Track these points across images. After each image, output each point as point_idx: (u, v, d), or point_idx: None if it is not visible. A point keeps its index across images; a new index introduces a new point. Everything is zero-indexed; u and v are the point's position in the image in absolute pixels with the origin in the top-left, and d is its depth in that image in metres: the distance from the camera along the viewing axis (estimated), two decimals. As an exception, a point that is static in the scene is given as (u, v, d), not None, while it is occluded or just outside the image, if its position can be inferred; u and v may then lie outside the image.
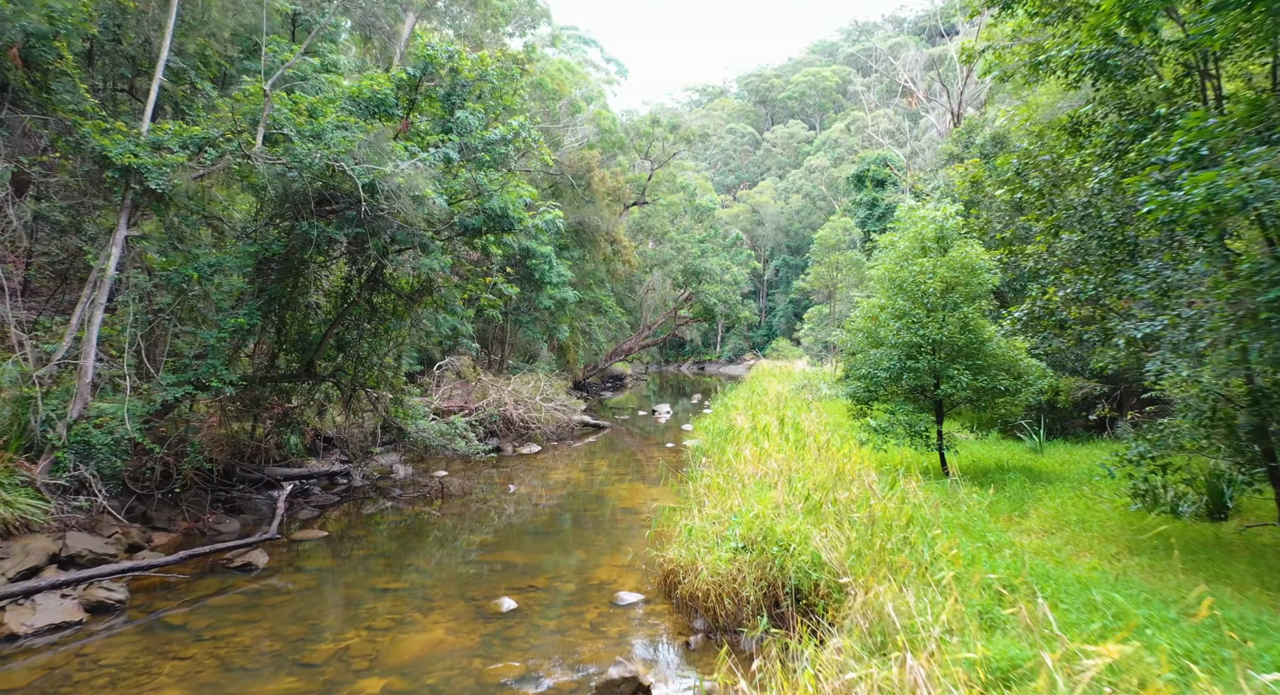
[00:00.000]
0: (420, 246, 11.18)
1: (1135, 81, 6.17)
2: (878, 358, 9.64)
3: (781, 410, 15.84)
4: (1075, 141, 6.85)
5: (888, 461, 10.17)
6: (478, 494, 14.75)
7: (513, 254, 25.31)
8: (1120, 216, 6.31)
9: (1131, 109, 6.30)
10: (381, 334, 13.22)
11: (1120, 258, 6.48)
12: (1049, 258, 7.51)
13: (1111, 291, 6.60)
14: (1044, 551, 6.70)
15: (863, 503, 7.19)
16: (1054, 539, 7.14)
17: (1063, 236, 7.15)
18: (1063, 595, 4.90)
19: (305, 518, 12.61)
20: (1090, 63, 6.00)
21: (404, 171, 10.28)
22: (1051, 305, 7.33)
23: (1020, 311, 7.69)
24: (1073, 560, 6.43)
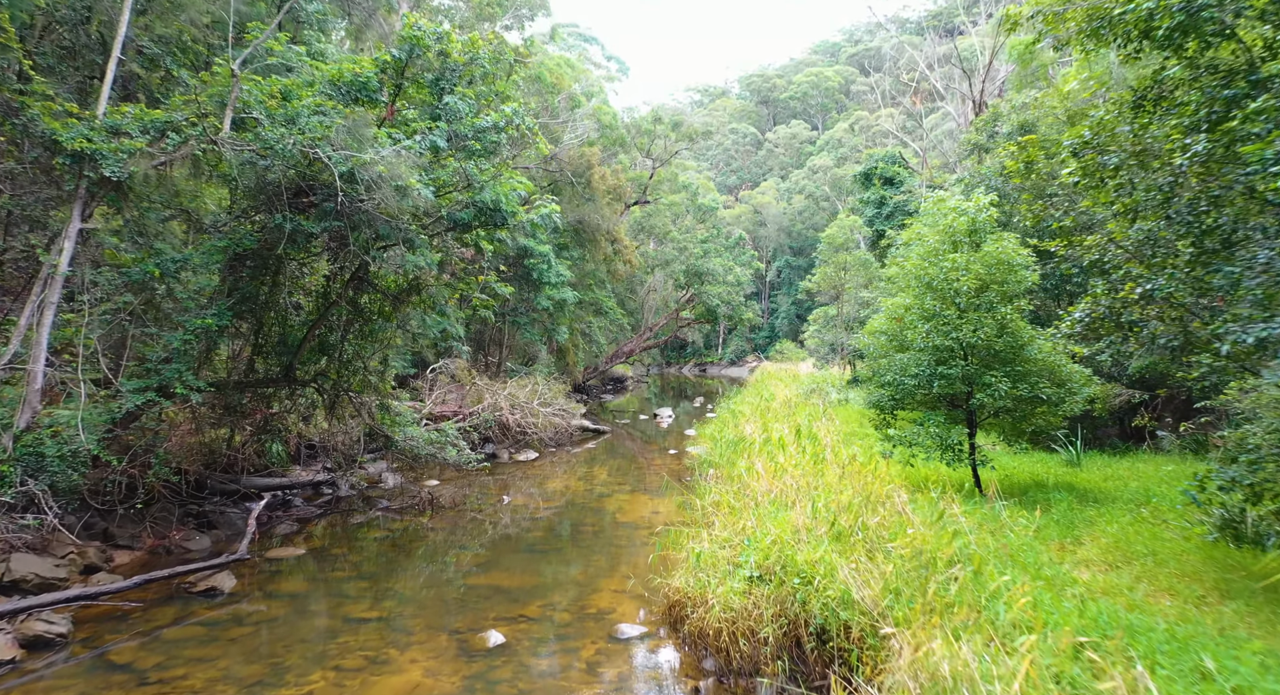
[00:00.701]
0: (405, 242, 10.32)
1: (1230, 39, 5.30)
2: (904, 363, 8.75)
3: (793, 417, 14.98)
4: (1145, 114, 5.98)
5: (914, 477, 9.31)
6: (470, 505, 13.90)
7: (509, 253, 24.48)
8: (1213, 198, 5.43)
9: (1224, 72, 5.43)
10: (367, 336, 12.36)
11: (1213, 247, 5.60)
12: (1115, 250, 6.64)
13: (1196, 288, 5.73)
14: (1113, 591, 5.83)
15: (897, 530, 6.33)
16: (1121, 575, 6.26)
17: (1138, 224, 6.27)
18: (1159, 656, 4.04)
19: (284, 533, 11.76)
20: (1179, 15, 5.11)
21: (385, 159, 9.43)
22: (1118, 305, 6.44)
23: (1080, 311, 6.79)
24: (1150, 603, 5.56)
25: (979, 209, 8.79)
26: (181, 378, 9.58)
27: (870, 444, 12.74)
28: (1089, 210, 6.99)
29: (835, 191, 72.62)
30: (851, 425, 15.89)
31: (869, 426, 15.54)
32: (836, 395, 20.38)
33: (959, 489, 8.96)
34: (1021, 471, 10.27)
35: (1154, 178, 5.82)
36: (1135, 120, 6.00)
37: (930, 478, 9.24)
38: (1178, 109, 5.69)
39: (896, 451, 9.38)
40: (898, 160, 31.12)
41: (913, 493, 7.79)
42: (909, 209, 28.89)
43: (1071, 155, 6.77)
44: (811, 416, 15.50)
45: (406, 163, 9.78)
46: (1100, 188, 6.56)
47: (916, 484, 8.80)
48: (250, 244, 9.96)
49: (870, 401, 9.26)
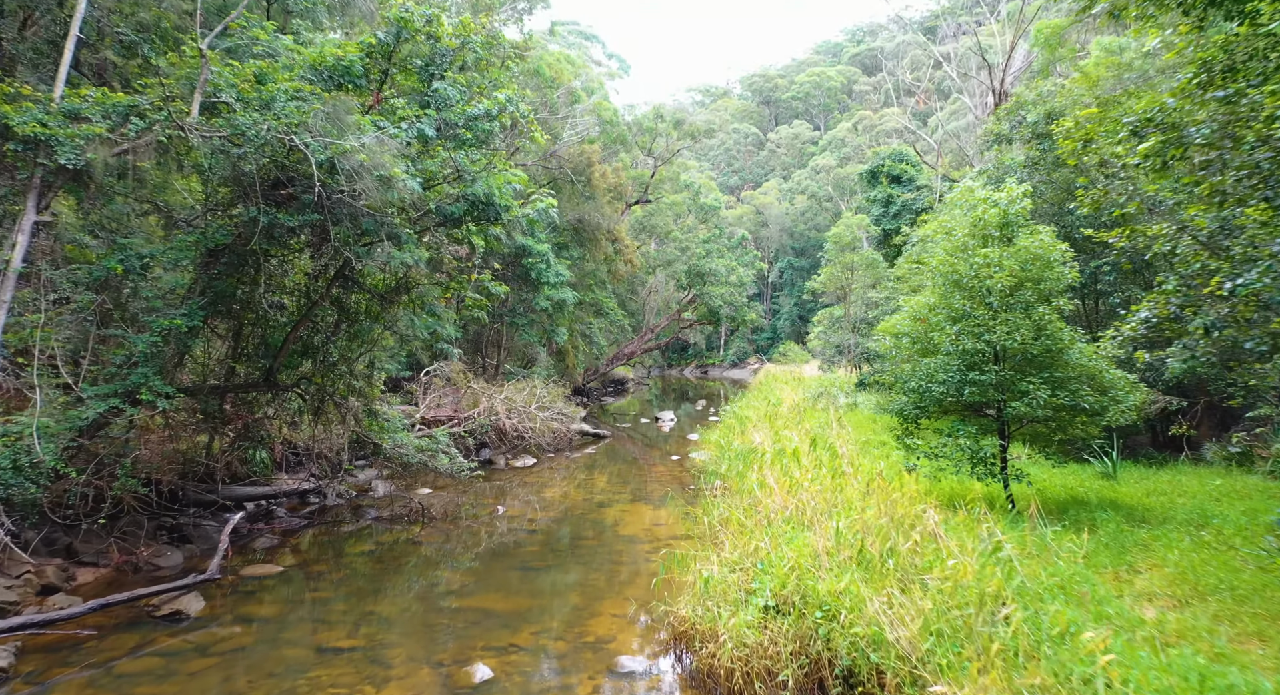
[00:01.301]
0: (390, 237, 9.63)
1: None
2: (930, 368, 8.00)
3: (803, 423, 14.28)
4: (1238, 79, 5.24)
5: (940, 492, 8.58)
6: (463, 515, 13.20)
7: (507, 251, 23.79)
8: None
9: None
10: (353, 338, 11.66)
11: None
12: (1189, 240, 5.89)
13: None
14: (1189, 634, 5.12)
15: (933, 558, 5.62)
16: (1195, 613, 5.54)
17: (1226, 209, 5.54)
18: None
19: (264, 547, 11.06)
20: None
21: (367, 147, 8.73)
22: (1192, 303, 5.72)
23: (1146, 310, 6.05)
24: (1239, 651, 4.84)
25: (1011, 200, 8.05)
26: (148, 382, 8.89)
27: (888, 452, 12.02)
28: (1155, 195, 6.27)
29: (839, 192, 71.95)
30: (864, 432, 15.18)
31: (884, 433, 14.83)
32: (845, 399, 19.65)
33: (990, 506, 8.26)
34: (1054, 485, 9.52)
35: (1252, 155, 5.10)
36: (1226, 86, 5.24)
37: (957, 493, 8.51)
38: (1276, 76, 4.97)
39: (921, 464, 8.66)
40: (905, 158, 30.43)
41: (942, 510, 7.07)
42: (917, 207, 28.19)
43: (1132, 134, 6.07)
44: (823, 423, 14.79)
45: (391, 151, 9.09)
46: (1163, 171, 5.85)
47: (944, 500, 8.07)
48: (223, 239, 9.26)
49: (892, 409, 8.55)
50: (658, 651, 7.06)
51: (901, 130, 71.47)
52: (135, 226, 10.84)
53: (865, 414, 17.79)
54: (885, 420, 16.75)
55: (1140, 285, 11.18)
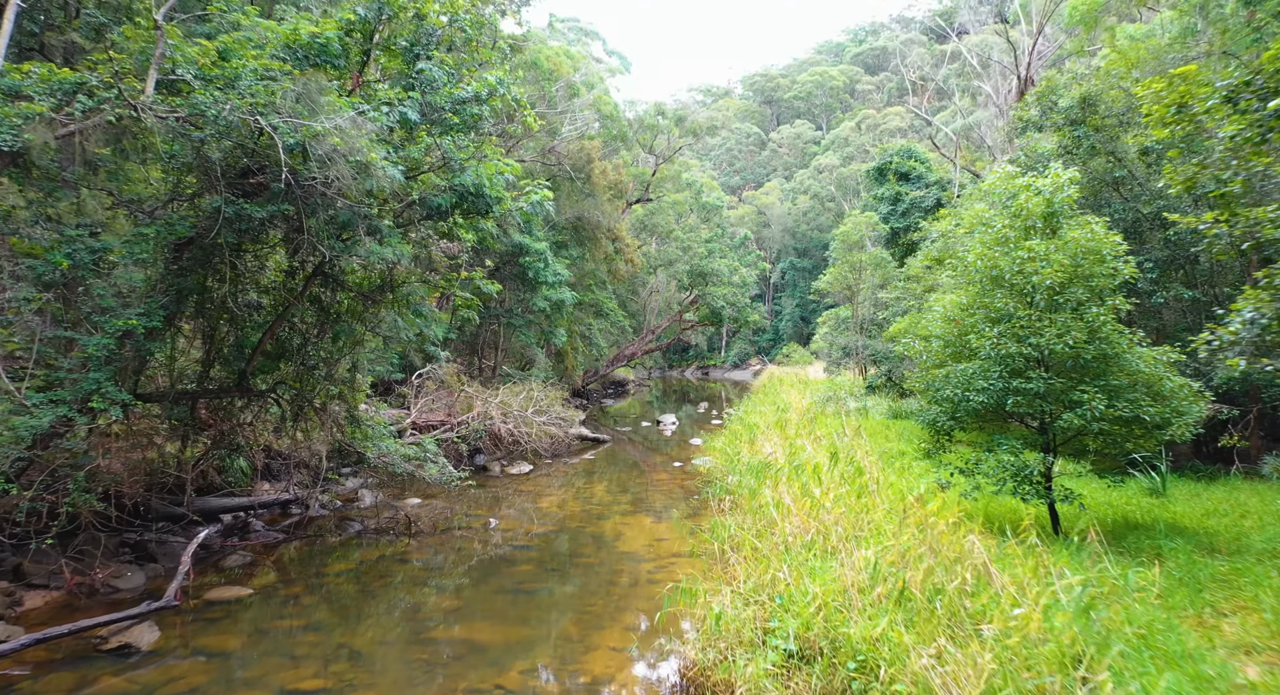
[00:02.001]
0: (370, 230, 8.81)
1: None
2: (967, 375, 7.14)
3: (814, 429, 13.45)
4: None
5: (976, 512, 7.72)
6: (453, 527, 12.39)
7: (504, 250, 22.99)
8: None
9: None
10: (334, 339, 10.84)
11: None
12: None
13: None
14: (1311, 702, 4.31)
15: (988, 601, 4.79)
16: (1313, 672, 4.73)
17: None
18: None
19: (235, 565, 10.24)
20: None
21: (341, 130, 7.91)
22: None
23: (1251, 309, 5.16)
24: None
25: (1056, 187, 7.20)
26: (100, 389, 8.06)
27: (908, 463, 11.20)
28: (1268, 171, 5.44)
29: (841, 191, 71.14)
30: (879, 439, 14.34)
31: (900, 441, 14.02)
32: (855, 403, 18.86)
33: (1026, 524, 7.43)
34: (1097, 502, 8.62)
35: None
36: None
37: (993, 513, 7.68)
38: None
39: (955, 481, 7.83)
40: (914, 154, 29.63)
41: (985, 535, 6.25)
42: (926, 205, 27.37)
43: (1225, 102, 5.25)
44: (836, 430, 13.94)
45: (369, 135, 8.27)
46: (1263, 144, 5.04)
47: (985, 523, 7.23)
48: (185, 231, 8.44)
49: (922, 420, 7.70)
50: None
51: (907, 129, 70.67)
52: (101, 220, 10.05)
53: (878, 420, 16.96)
54: (899, 426, 15.96)
55: (1181, 282, 10.38)
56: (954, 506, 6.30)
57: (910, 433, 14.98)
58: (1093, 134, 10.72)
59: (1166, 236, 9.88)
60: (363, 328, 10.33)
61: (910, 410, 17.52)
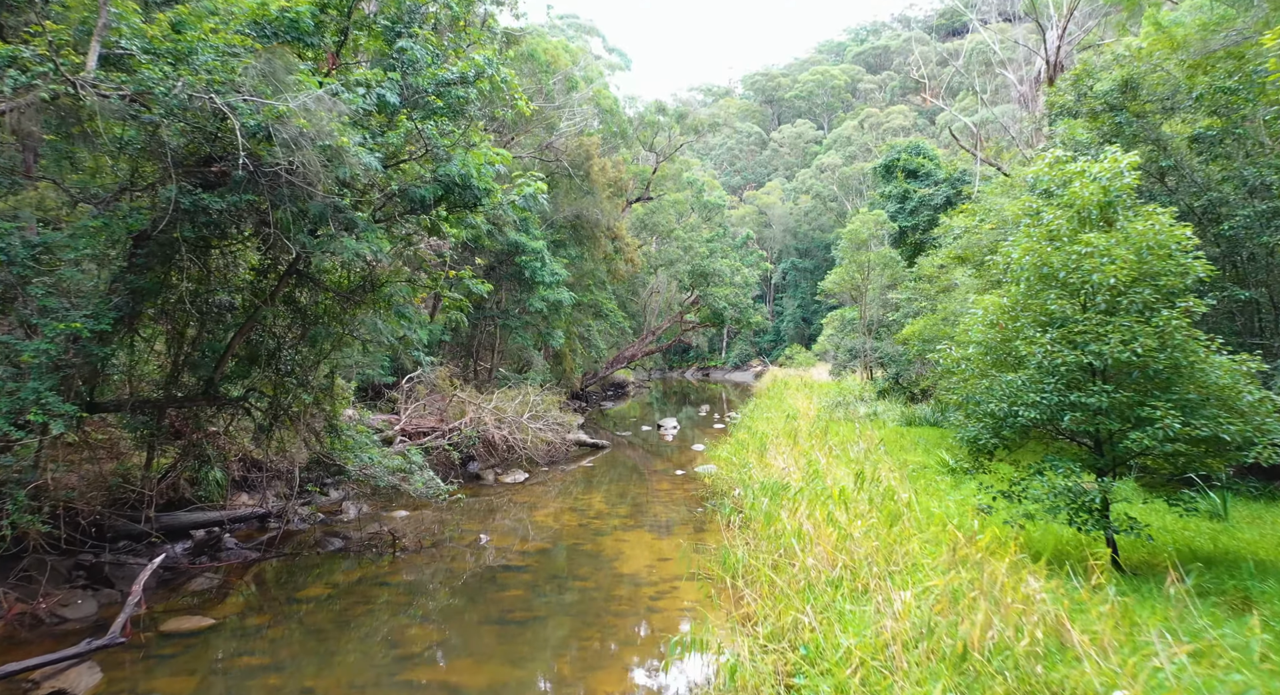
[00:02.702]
0: (342, 223, 7.98)
1: None
2: (1015, 387, 6.29)
3: (826, 438, 12.61)
4: None
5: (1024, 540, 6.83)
6: (441, 543, 11.57)
7: (499, 248, 22.16)
8: None
9: None
10: (311, 343, 10.02)
11: None
12: None
13: None
14: None
15: (1059, 661, 3.96)
16: None
17: None
18: None
19: (199, 589, 9.41)
20: None
21: (309, 111, 7.08)
22: None
23: None
24: None
25: (1114, 173, 6.33)
26: (40, 400, 7.23)
27: (930, 477, 10.36)
28: None
29: (844, 191, 70.37)
30: (894, 448, 13.47)
31: (918, 451, 13.18)
32: (865, 408, 18.03)
33: (1079, 555, 6.58)
34: (1153, 528, 7.66)
35: None
36: None
37: (1036, 539, 6.83)
38: None
39: (998, 505, 6.98)
40: (922, 151, 28.81)
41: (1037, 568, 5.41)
42: (935, 203, 26.54)
43: None
44: (847, 437, 13.09)
45: (340, 117, 7.44)
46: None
47: (1024, 546, 6.39)
48: (136, 225, 7.60)
49: (963, 438, 6.85)
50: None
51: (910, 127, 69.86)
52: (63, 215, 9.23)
53: (891, 427, 16.12)
54: (914, 434, 15.15)
55: (1233, 280, 9.55)
56: (1008, 540, 5.44)
57: (928, 441, 14.15)
58: (1135, 121, 9.89)
59: (1220, 231, 9.06)
60: (341, 331, 9.49)
61: (924, 416, 16.70)
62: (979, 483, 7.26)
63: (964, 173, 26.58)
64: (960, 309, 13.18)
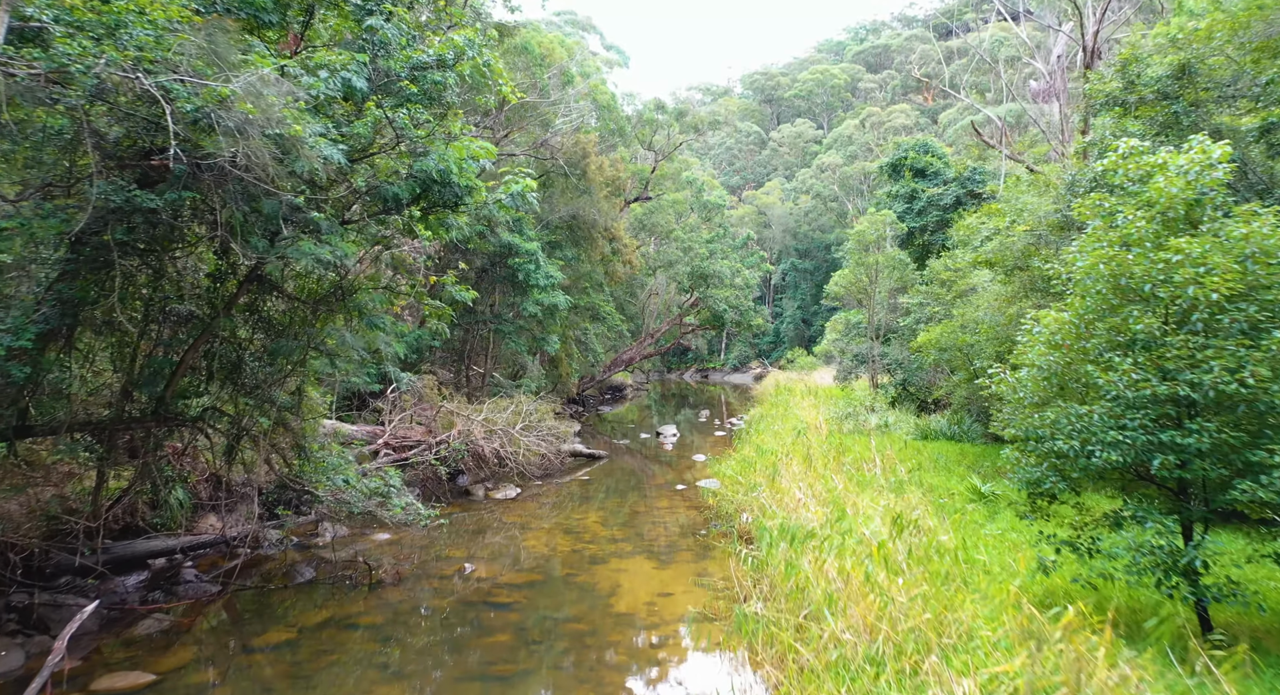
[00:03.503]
0: (302, 225, 7.00)
1: None
2: (1092, 422, 5.30)
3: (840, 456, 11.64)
4: None
5: (1089, 597, 5.83)
6: (422, 574, 10.60)
7: (491, 250, 21.17)
8: None
9: None
10: (273, 357, 9.02)
11: None
12: None
13: None
14: None
15: None
16: None
17: None
18: None
19: (146, 633, 8.42)
20: None
21: (256, 91, 6.10)
22: None
23: None
24: None
25: (1203, 166, 5.34)
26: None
27: (961, 505, 9.39)
28: None
29: (845, 191, 69.47)
30: (908, 462, 12.47)
31: (941, 471, 12.20)
32: (876, 419, 17.08)
33: (1154, 608, 5.62)
34: (1251, 583, 6.61)
35: None
36: None
37: (1102, 585, 5.84)
38: None
39: (1062, 557, 6.00)
40: (930, 149, 27.86)
41: (1116, 635, 4.45)
42: (944, 203, 25.60)
43: None
44: (862, 454, 12.10)
45: (294, 103, 6.46)
46: None
47: (1096, 601, 5.42)
48: (58, 226, 6.61)
49: (1022, 479, 5.86)
50: None
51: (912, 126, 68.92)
52: None
53: (906, 441, 15.12)
54: (931, 450, 14.20)
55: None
56: (1087, 610, 4.46)
57: (948, 458, 13.19)
58: (1192, 110, 8.94)
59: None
60: (304, 345, 8.50)
61: (939, 429, 15.73)
62: (1039, 531, 6.28)
63: (974, 170, 25.62)
64: (984, 316, 12.25)
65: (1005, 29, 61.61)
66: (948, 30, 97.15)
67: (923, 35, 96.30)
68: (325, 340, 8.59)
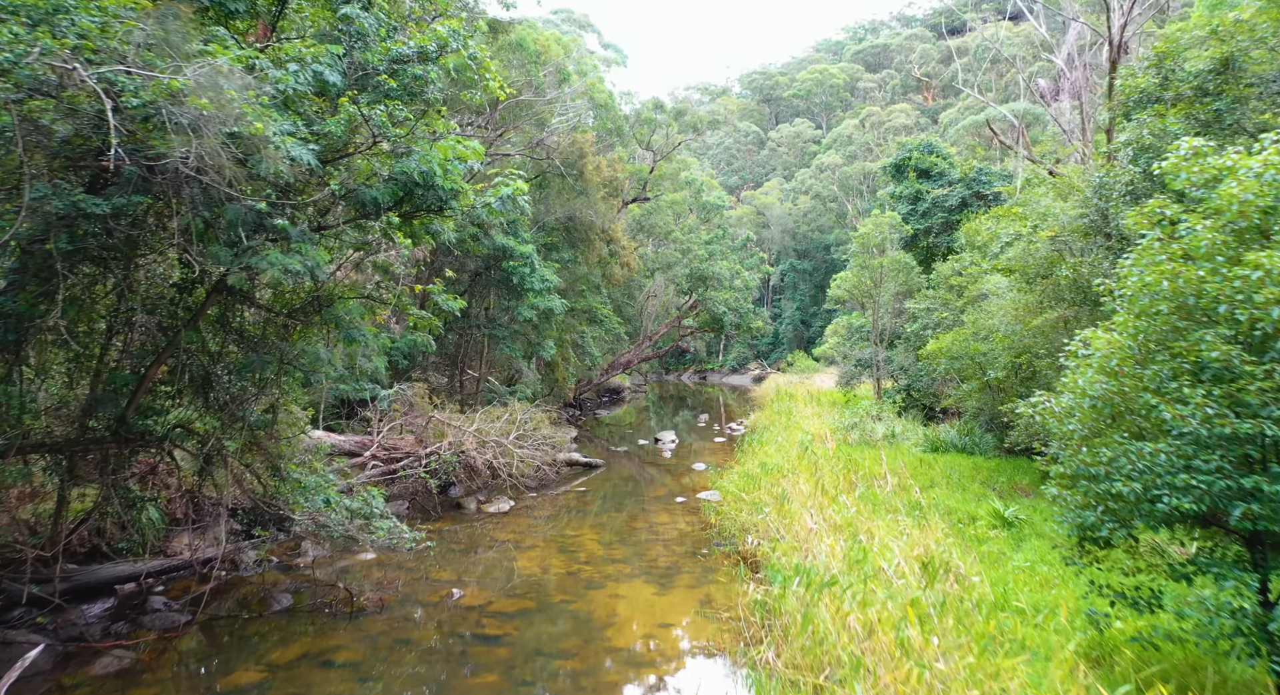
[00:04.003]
0: (270, 232, 6.38)
1: None
2: (1154, 462, 4.70)
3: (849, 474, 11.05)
4: None
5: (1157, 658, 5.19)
6: (408, 600, 9.97)
7: (486, 252, 20.53)
8: None
9: None
10: (244, 374, 8.39)
11: None
12: None
13: None
14: None
15: None
16: None
17: None
18: None
19: (103, 673, 7.78)
20: None
21: (215, 84, 5.47)
22: None
23: None
24: None
25: (1278, 169, 4.69)
26: None
27: (983, 533, 8.79)
28: None
29: (845, 191, 68.89)
30: (921, 480, 11.85)
31: (954, 488, 11.58)
32: (883, 429, 16.48)
33: (1215, 667, 5.01)
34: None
35: None
36: None
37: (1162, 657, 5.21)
38: None
39: (1118, 612, 5.38)
40: (935, 149, 27.27)
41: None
42: (949, 204, 25.02)
43: None
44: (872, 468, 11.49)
45: (259, 98, 5.83)
46: None
47: (1163, 681, 4.79)
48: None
49: (1072, 524, 5.20)
50: None
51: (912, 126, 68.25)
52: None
53: (915, 453, 14.50)
54: (943, 464, 13.58)
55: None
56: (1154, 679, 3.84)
57: (961, 473, 12.57)
58: (1236, 107, 8.34)
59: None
60: (276, 360, 7.85)
61: (949, 440, 15.12)
62: (1089, 581, 5.63)
63: (980, 171, 25.04)
64: (1000, 325, 11.65)
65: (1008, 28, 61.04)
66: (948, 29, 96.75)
67: (922, 34, 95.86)
68: (300, 356, 7.93)
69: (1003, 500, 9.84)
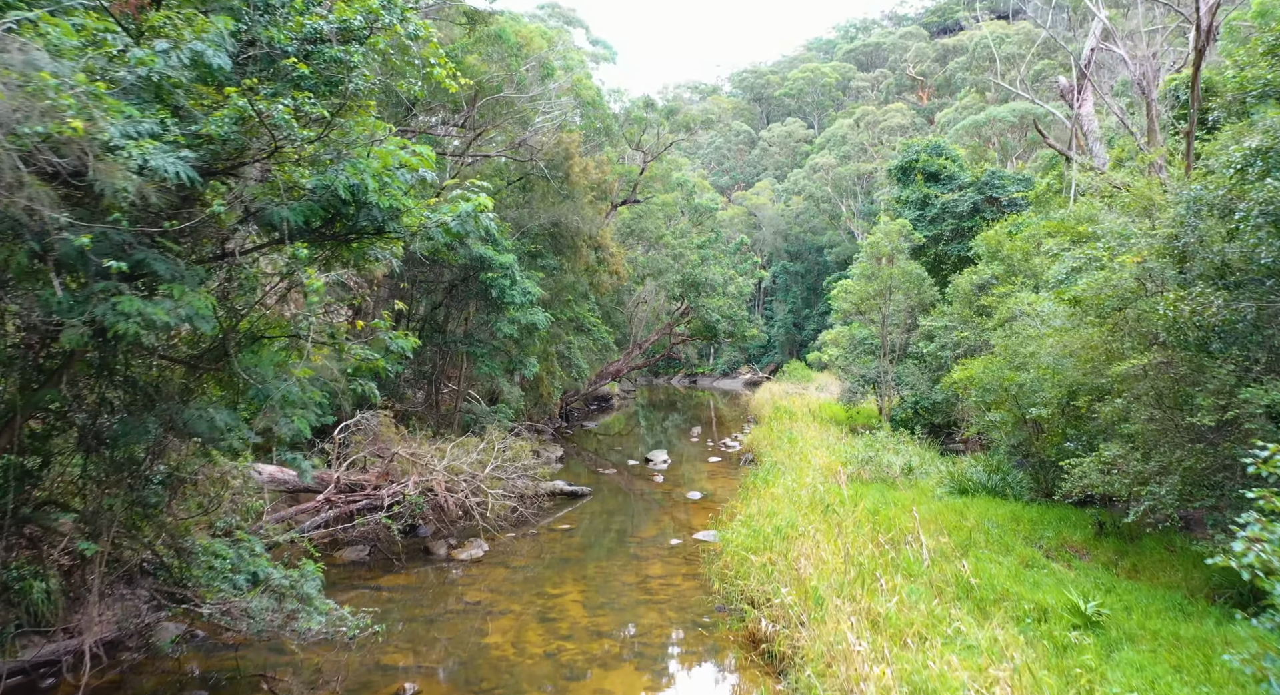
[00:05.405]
0: (124, 266, 4.62)
1: None
2: None
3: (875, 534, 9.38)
4: None
5: None
6: None
7: (462, 262, 18.75)
8: None
9: None
10: (115, 445, 6.58)
11: None
12: None
13: None
14: None
15: None
16: None
17: None
18: None
19: None
20: None
21: (20, 70, 3.71)
22: None
23: None
24: None
25: None
26: None
27: (1064, 635, 7.12)
28: None
29: (838, 192, 67.44)
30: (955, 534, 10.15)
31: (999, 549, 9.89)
32: (900, 462, 14.84)
33: None
34: None
35: None
36: None
37: None
38: None
39: None
40: (943, 151, 25.72)
41: None
42: (960, 210, 23.45)
43: None
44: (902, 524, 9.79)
45: (79, 81, 4.08)
46: None
47: None
48: None
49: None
50: None
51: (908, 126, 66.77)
52: None
53: (940, 497, 12.73)
54: (976, 510, 11.92)
55: None
56: None
57: (1000, 525, 10.91)
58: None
59: None
60: (156, 427, 6.05)
61: (977, 479, 13.48)
62: None
63: (993, 174, 23.49)
64: (1049, 359, 10.03)
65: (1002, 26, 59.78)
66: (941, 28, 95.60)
67: (916, 33, 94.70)
68: (193, 420, 6.13)
69: (1059, 564, 8.22)
